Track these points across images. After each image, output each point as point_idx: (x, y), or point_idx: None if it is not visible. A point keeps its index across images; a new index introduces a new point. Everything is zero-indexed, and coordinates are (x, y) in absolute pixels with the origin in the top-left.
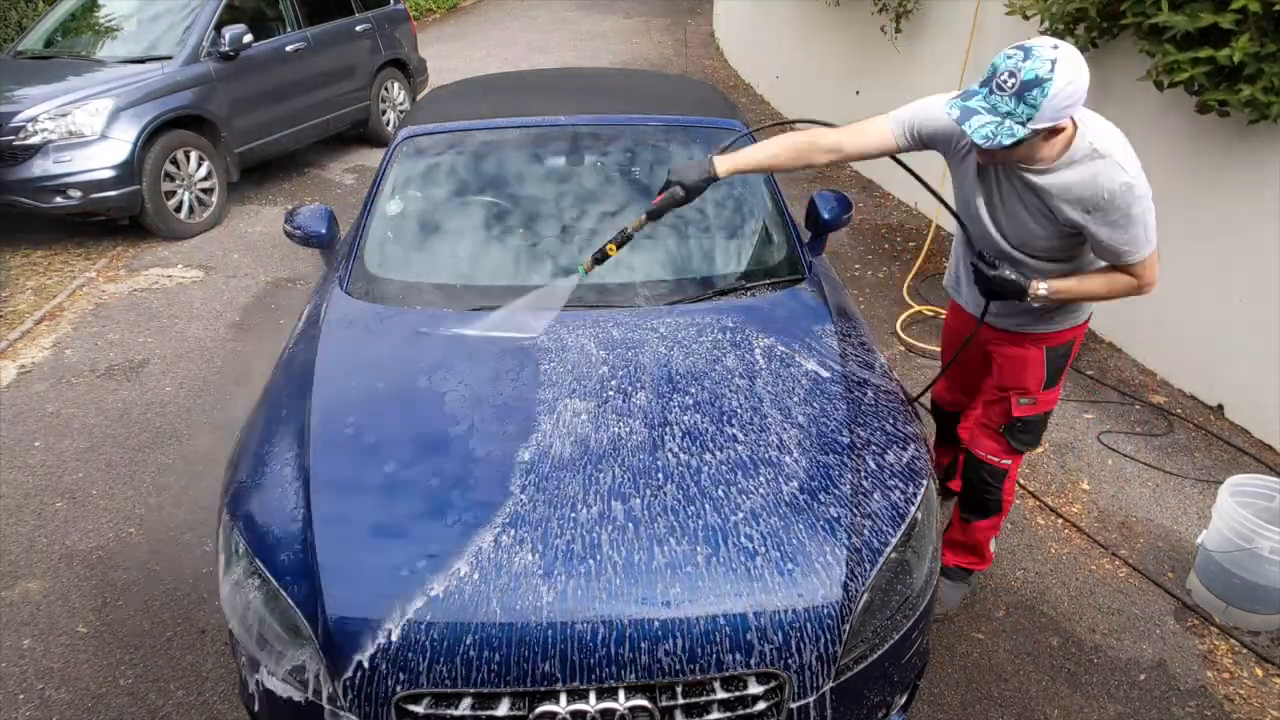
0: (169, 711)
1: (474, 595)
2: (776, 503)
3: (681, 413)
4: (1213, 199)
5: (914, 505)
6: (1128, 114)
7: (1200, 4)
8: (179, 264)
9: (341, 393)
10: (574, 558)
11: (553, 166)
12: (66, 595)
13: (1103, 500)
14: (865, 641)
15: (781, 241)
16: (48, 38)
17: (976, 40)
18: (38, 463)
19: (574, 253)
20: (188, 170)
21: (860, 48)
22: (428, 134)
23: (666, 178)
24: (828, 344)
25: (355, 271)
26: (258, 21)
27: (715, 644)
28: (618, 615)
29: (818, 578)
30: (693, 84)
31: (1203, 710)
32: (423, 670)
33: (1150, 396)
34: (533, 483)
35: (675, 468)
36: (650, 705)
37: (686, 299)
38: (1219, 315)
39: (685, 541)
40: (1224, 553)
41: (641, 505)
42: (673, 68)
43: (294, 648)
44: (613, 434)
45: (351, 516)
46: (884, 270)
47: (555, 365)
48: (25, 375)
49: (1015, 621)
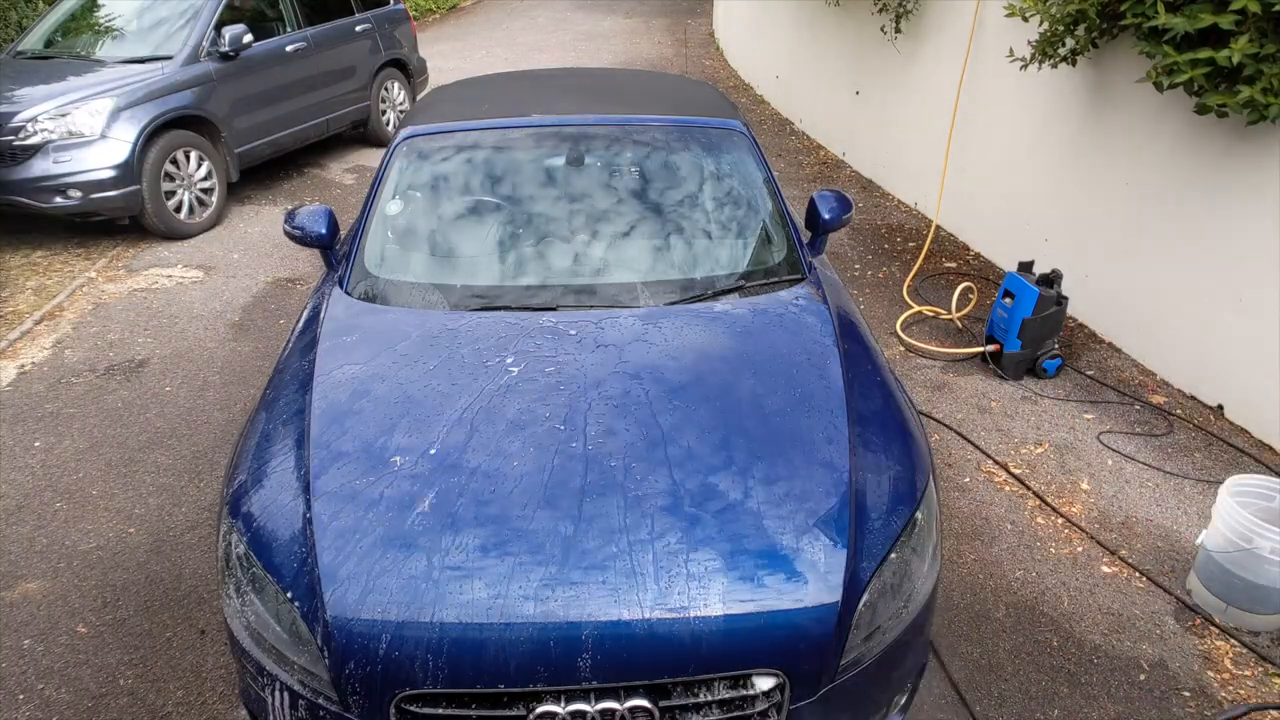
0: (169, 711)
1: (474, 595)
2: (776, 503)
3: (681, 414)
4: (1212, 199)
5: (915, 505)
6: (1128, 115)
7: (1199, 5)
8: (179, 264)
9: (341, 393)
10: (574, 558)
11: (552, 166)
12: (66, 595)
13: (1103, 500)
14: (865, 642)
15: (781, 241)
16: (48, 38)
17: (976, 40)
18: (38, 463)
19: (574, 252)
20: (187, 170)
21: (860, 48)
22: (428, 134)
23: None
24: (828, 344)
25: (355, 271)
26: (258, 21)
27: (715, 644)
28: (618, 616)
29: (818, 578)
30: (693, 84)
31: (1203, 710)
32: (423, 671)
33: (1150, 396)
34: (534, 485)
35: (674, 468)
36: (650, 705)
37: (687, 299)
38: (1219, 315)
39: (685, 542)
40: (1224, 553)
41: (641, 505)
42: (673, 68)
43: (294, 648)
44: (613, 435)
45: (351, 517)
46: (884, 270)
47: (555, 365)
48: (25, 375)
49: (1015, 621)
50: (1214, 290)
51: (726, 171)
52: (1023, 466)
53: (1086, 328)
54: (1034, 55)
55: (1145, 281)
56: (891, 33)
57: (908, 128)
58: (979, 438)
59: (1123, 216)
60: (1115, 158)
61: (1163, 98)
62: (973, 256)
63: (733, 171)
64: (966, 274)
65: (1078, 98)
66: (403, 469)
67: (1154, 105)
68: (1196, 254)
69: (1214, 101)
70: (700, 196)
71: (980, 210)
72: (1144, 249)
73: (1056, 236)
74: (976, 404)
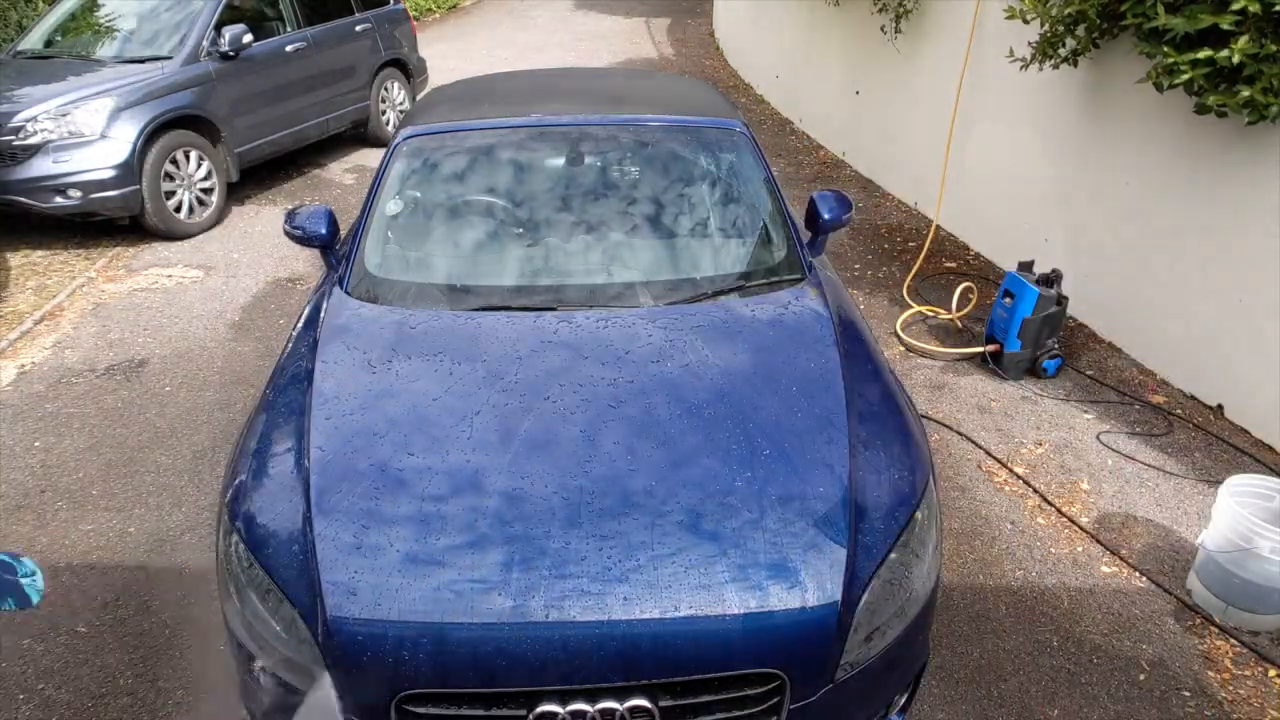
0: (169, 711)
1: (474, 596)
2: (776, 503)
3: (680, 413)
4: (1212, 199)
5: (914, 505)
6: (1128, 115)
7: (1199, 5)
8: (179, 264)
9: (341, 393)
10: (573, 559)
11: (552, 166)
12: (66, 595)
13: (1103, 500)
14: (865, 642)
15: (781, 241)
16: (48, 38)
17: (977, 40)
18: (38, 462)
19: (573, 252)
20: (187, 170)
21: (860, 48)
22: (428, 134)
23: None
24: (827, 344)
25: (355, 271)
26: (258, 21)
27: (715, 645)
28: (618, 616)
29: (818, 578)
30: (693, 84)
31: (1202, 710)
32: (423, 671)
33: (1150, 396)
34: (533, 485)
35: (674, 468)
36: (650, 705)
37: (686, 299)
38: (1219, 315)
39: (685, 542)
40: (1224, 553)
41: (641, 508)
42: (673, 68)
43: (294, 648)
44: (613, 435)
45: (351, 517)
46: (884, 270)
47: (554, 366)
48: (25, 375)
49: (1015, 621)
50: (1214, 290)
51: (726, 171)
52: (1023, 466)
53: (1086, 327)
54: (1034, 56)
55: (1145, 281)
56: (891, 32)
57: (908, 128)
58: (979, 438)
59: (1123, 216)
60: (1115, 157)
61: (1162, 98)
62: (973, 256)
63: (733, 171)
64: (966, 274)
65: (1078, 98)
66: (403, 469)
67: (1154, 105)
68: (1197, 254)
69: (1214, 101)
70: (700, 196)
71: (980, 210)
72: (1144, 249)
73: (1056, 236)
74: (976, 404)
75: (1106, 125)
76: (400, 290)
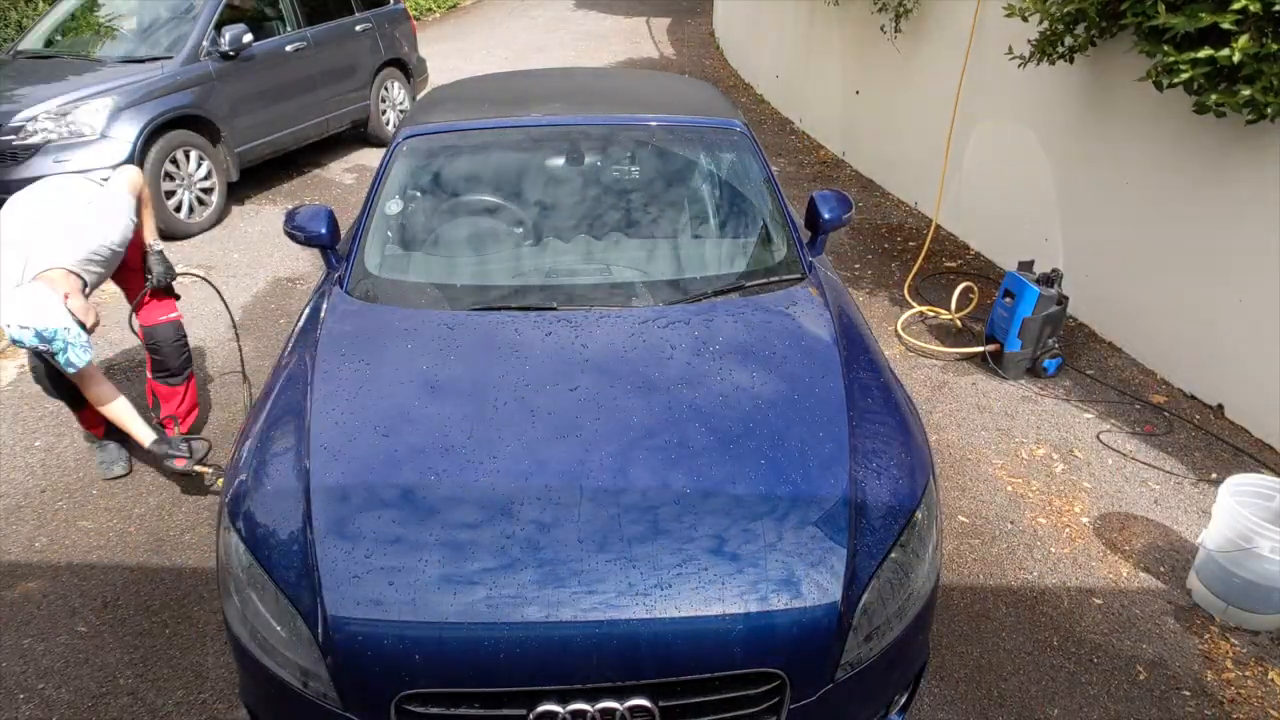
0: (169, 711)
1: (474, 596)
2: (776, 503)
3: (680, 414)
4: (1212, 198)
5: (914, 505)
6: (1127, 114)
7: (1199, 4)
8: (178, 264)
9: (341, 393)
10: (573, 559)
11: (552, 166)
12: (66, 595)
13: (1103, 500)
14: (865, 642)
15: (781, 241)
16: (48, 37)
17: (976, 39)
18: (38, 462)
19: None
20: (187, 170)
21: (860, 47)
22: (427, 134)
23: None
24: (828, 343)
25: (355, 271)
26: (258, 21)
27: (715, 645)
28: (617, 616)
29: (817, 578)
30: (693, 84)
31: (1202, 710)
32: (422, 670)
33: (1150, 396)
34: (533, 484)
35: (674, 468)
36: (650, 705)
37: (686, 298)
38: (1219, 315)
39: (686, 542)
40: (1224, 552)
41: (641, 507)
42: (673, 67)
43: (294, 648)
44: (613, 436)
45: (351, 517)
46: (884, 270)
47: (553, 365)
48: (25, 375)
49: (1015, 621)
50: (1214, 289)
51: (727, 171)
52: (1023, 466)
53: (1086, 327)
54: (1033, 53)
55: (1145, 280)
56: (891, 32)
57: (907, 127)
58: (979, 437)
59: (1122, 215)
60: (1115, 157)
61: (1162, 97)
62: (973, 256)
63: (733, 171)
64: (966, 273)
65: (1078, 97)
66: (403, 469)
67: (1153, 104)
68: (1196, 253)
69: (1214, 101)
70: (700, 196)
71: (980, 210)
72: (1144, 248)
73: (1056, 236)
74: (976, 404)
75: (1107, 125)
76: (400, 290)
